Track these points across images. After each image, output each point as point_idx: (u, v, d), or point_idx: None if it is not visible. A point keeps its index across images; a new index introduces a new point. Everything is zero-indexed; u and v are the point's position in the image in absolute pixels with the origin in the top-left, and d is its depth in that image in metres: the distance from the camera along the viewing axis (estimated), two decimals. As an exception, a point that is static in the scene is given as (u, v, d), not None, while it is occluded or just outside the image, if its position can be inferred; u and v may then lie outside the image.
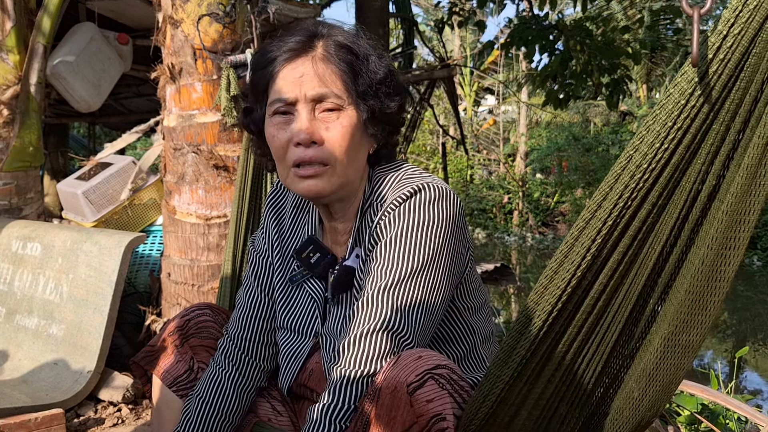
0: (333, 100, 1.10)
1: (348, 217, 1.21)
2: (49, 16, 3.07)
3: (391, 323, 1.04)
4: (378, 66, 1.15)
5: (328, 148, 1.11)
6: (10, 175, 3.07)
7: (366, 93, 1.13)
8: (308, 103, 1.11)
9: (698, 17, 0.77)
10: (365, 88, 1.13)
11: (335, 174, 1.12)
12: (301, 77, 1.11)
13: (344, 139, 1.11)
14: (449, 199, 1.12)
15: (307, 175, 1.12)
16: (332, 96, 1.10)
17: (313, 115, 1.11)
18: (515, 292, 9.43)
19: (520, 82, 15.33)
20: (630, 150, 0.82)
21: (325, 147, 1.11)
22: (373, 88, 1.14)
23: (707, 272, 0.82)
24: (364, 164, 1.19)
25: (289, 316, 1.28)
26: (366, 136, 1.16)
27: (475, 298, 1.23)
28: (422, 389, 0.92)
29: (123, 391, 2.48)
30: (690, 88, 0.79)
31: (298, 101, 1.11)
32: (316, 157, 1.11)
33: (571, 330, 0.89)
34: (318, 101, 1.11)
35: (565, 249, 0.86)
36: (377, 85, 1.14)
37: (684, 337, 0.85)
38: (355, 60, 1.13)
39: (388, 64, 1.17)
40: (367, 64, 1.14)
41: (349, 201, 1.20)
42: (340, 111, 1.11)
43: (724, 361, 6.15)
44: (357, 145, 1.14)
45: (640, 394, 0.90)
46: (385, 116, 1.16)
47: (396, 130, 1.22)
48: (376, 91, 1.14)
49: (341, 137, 1.11)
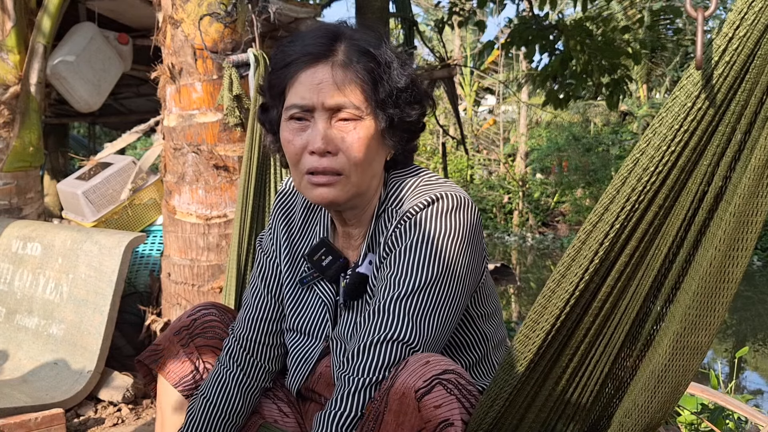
0: (351, 111, 1.08)
1: (362, 222, 1.20)
2: (50, 16, 3.07)
3: (402, 334, 1.02)
4: (400, 75, 1.11)
5: (344, 158, 1.09)
6: (11, 175, 3.07)
7: (386, 102, 1.10)
8: (325, 111, 1.08)
9: (702, 19, 0.77)
10: (385, 97, 1.09)
11: (349, 183, 1.11)
12: (319, 84, 1.07)
13: (360, 151, 1.09)
14: (467, 209, 1.11)
15: (321, 183, 1.10)
16: (350, 106, 1.07)
17: (329, 123, 1.08)
18: (515, 292, 9.43)
19: (520, 82, 15.33)
20: (636, 153, 0.82)
21: (340, 157, 1.09)
22: (393, 96, 1.10)
23: (715, 274, 0.82)
24: (381, 171, 1.17)
25: (298, 319, 1.27)
26: (383, 145, 1.14)
27: (488, 305, 1.22)
28: (430, 395, 0.92)
29: (123, 391, 2.48)
30: (696, 91, 0.79)
31: (315, 109, 1.08)
32: (330, 167, 1.09)
33: (579, 333, 0.89)
34: (336, 110, 1.08)
35: (573, 253, 0.86)
36: (398, 93, 1.11)
37: (692, 339, 0.85)
38: (376, 68, 1.09)
39: (411, 73, 1.13)
40: (389, 71, 1.10)
41: (363, 208, 1.18)
42: (358, 121, 1.08)
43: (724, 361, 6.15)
44: (373, 155, 1.12)
45: (649, 396, 0.90)
46: (404, 124, 1.14)
47: (415, 136, 1.19)
48: (396, 99, 1.11)
49: (357, 148, 1.08)
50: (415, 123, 1.16)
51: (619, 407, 0.97)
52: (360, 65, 1.08)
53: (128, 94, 5.59)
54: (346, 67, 1.08)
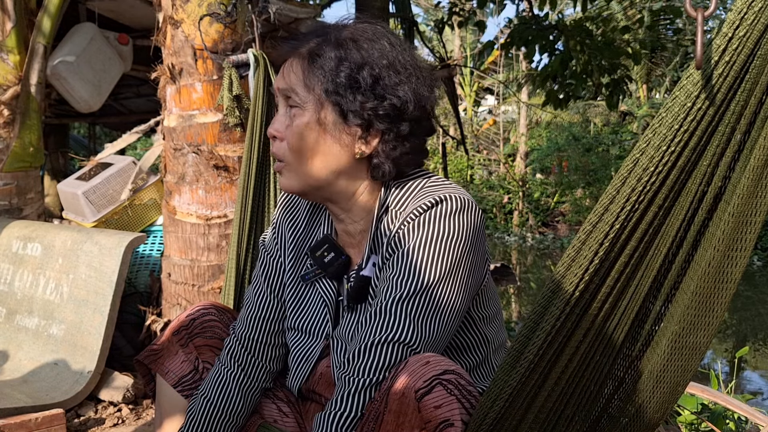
0: (295, 98, 1.11)
1: (357, 220, 1.19)
2: (50, 16, 3.07)
3: (403, 335, 1.02)
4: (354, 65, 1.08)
5: (284, 145, 1.13)
6: (11, 175, 3.07)
7: (335, 92, 1.08)
8: (281, 96, 1.14)
9: (702, 19, 0.77)
10: (334, 87, 1.08)
11: (293, 171, 1.13)
12: (283, 69, 1.14)
13: (294, 137, 1.11)
14: (470, 211, 1.10)
15: (277, 170, 1.17)
16: (292, 92, 1.11)
17: (285, 110, 1.14)
18: (515, 292, 9.44)
19: (520, 82, 15.33)
20: (636, 153, 0.82)
21: (284, 143, 1.13)
22: (345, 87, 1.08)
23: (714, 274, 0.82)
24: (347, 169, 1.13)
25: (299, 317, 1.27)
26: (336, 139, 1.11)
27: (489, 307, 1.22)
28: (430, 395, 0.92)
29: (123, 391, 2.48)
30: (696, 91, 0.79)
31: (277, 93, 1.15)
32: (276, 152, 1.15)
33: (578, 333, 0.89)
34: (286, 96, 1.13)
35: (573, 253, 0.86)
36: (352, 84, 1.08)
37: (691, 339, 0.85)
38: (326, 57, 1.09)
39: (380, 64, 1.09)
40: (346, 63, 1.08)
41: (346, 206, 1.17)
42: (300, 108, 1.11)
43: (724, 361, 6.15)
44: (314, 145, 1.10)
45: (648, 396, 0.90)
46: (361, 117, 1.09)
47: (400, 138, 1.11)
48: (349, 90, 1.08)
49: (292, 135, 1.11)
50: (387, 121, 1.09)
51: (618, 407, 0.97)
52: (314, 54, 1.11)
53: (128, 95, 5.59)
54: (303, 57, 1.12)
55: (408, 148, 1.13)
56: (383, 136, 1.11)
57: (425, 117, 1.15)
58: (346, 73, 1.08)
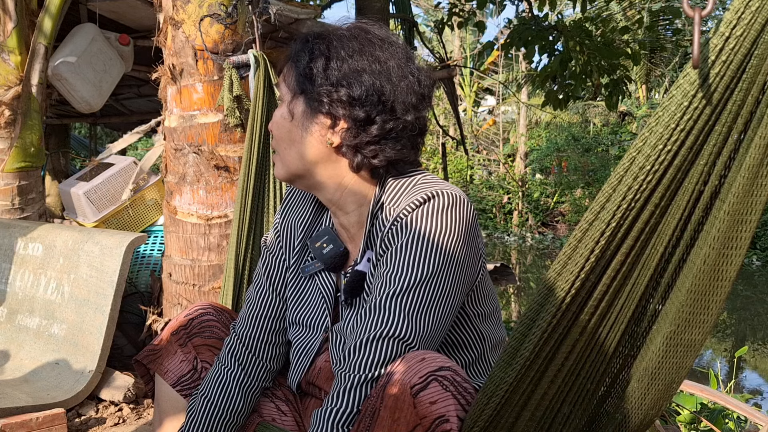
0: (283, 94, 1.20)
1: (346, 211, 1.21)
2: (51, 17, 3.08)
3: (398, 330, 1.03)
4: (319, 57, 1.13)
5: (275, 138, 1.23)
6: (12, 175, 3.08)
7: (300, 82, 1.16)
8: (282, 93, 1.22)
9: (699, 19, 0.77)
10: (298, 77, 1.16)
11: (279, 161, 1.22)
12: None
13: (274, 128, 1.21)
14: (463, 207, 1.11)
15: (273, 160, 1.29)
16: (279, 89, 1.22)
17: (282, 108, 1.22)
18: (515, 291, 9.44)
19: (519, 83, 15.35)
20: (632, 152, 0.82)
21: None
22: (305, 77, 1.14)
23: (709, 272, 0.82)
24: (324, 159, 1.15)
25: (299, 311, 1.28)
26: (303, 128, 1.15)
27: (486, 304, 1.22)
28: (426, 391, 0.92)
29: (124, 391, 2.49)
30: (692, 90, 0.79)
31: None
32: (272, 145, 1.27)
33: (575, 331, 0.89)
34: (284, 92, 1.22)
35: (569, 251, 0.86)
36: (308, 73, 1.13)
37: (686, 336, 0.85)
38: (299, 53, 1.16)
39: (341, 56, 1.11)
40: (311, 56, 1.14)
41: (332, 196, 1.20)
42: (281, 102, 1.21)
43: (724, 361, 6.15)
44: (288, 135, 1.18)
45: (642, 393, 0.90)
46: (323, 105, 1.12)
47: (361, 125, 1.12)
48: (307, 80, 1.14)
49: (273, 126, 1.21)
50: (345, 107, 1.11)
51: (614, 404, 0.97)
52: (295, 54, 1.17)
53: (129, 95, 5.59)
54: (288, 56, 1.20)
55: (373, 138, 1.12)
56: (347, 125, 1.13)
57: (403, 112, 1.13)
58: (305, 64, 1.15)
